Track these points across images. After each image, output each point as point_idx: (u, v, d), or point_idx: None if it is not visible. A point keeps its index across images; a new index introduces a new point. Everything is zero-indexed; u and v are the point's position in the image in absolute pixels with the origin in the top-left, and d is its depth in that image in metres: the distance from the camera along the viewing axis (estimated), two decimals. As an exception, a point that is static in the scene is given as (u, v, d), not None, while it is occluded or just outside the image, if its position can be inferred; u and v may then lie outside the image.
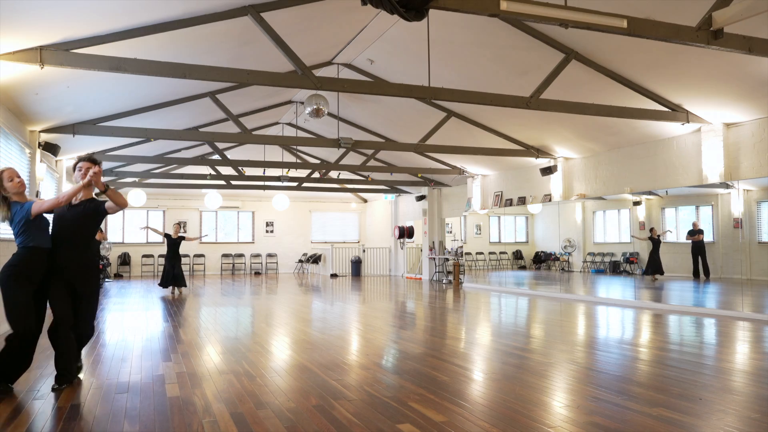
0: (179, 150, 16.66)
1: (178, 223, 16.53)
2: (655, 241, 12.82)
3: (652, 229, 12.92)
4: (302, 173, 19.92)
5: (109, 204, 5.28)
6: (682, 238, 12.52)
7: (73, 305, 5.25)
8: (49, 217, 5.38)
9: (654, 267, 12.86)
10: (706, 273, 11.97)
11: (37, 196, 10.39)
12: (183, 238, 15.67)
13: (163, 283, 15.03)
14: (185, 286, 15.27)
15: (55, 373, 5.18)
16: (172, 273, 14.98)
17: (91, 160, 5.37)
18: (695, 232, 12.11)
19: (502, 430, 3.92)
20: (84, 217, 5.32)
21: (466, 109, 12.64)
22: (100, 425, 4.10)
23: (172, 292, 15.02)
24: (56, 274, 5.20)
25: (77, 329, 5.28)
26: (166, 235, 15.52)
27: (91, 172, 5.19)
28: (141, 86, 10.01)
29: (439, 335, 8.36)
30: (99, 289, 5.60)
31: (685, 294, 12.39)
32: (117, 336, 8.11)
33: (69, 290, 5.24)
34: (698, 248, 12.12)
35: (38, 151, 10.60)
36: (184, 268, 16.35)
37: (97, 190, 5.34)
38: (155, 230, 16.49)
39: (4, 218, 5.16)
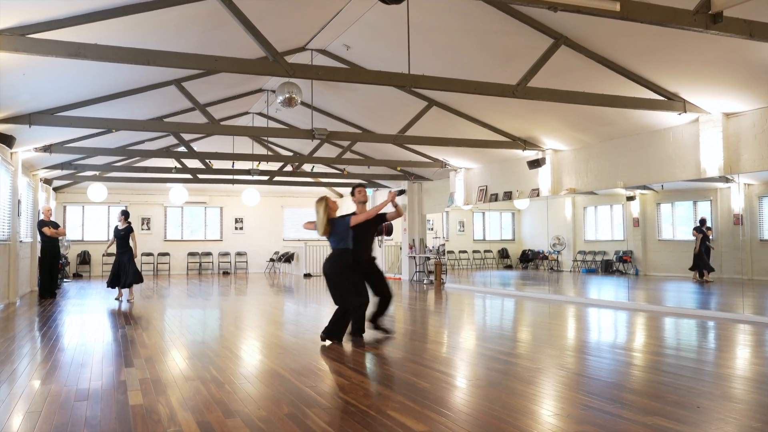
0: (142, 141, 16.50)
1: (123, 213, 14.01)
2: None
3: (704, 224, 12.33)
4: (274, 166, 19.80)
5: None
6: (679, 235, 12.59)
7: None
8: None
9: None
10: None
11: None
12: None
13: (139, 280, 13.45)
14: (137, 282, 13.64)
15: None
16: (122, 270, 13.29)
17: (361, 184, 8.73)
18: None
19: (488, 440, 3.92)
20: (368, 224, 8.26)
21: (448, 98, 12.61)
22: (53, 438, 4.04)
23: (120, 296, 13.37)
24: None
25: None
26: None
27: (392, 197, 8.08)
28: (102, 74, 9.89)
29: (419, 339, 8.36)
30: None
31: (683, 295, 12.47)
32: (76, 340, 8.03)
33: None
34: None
35: (-9, 143, 10.46)
36: (147, 267, 15.31)
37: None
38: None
39: (324, 233, 7.83)
